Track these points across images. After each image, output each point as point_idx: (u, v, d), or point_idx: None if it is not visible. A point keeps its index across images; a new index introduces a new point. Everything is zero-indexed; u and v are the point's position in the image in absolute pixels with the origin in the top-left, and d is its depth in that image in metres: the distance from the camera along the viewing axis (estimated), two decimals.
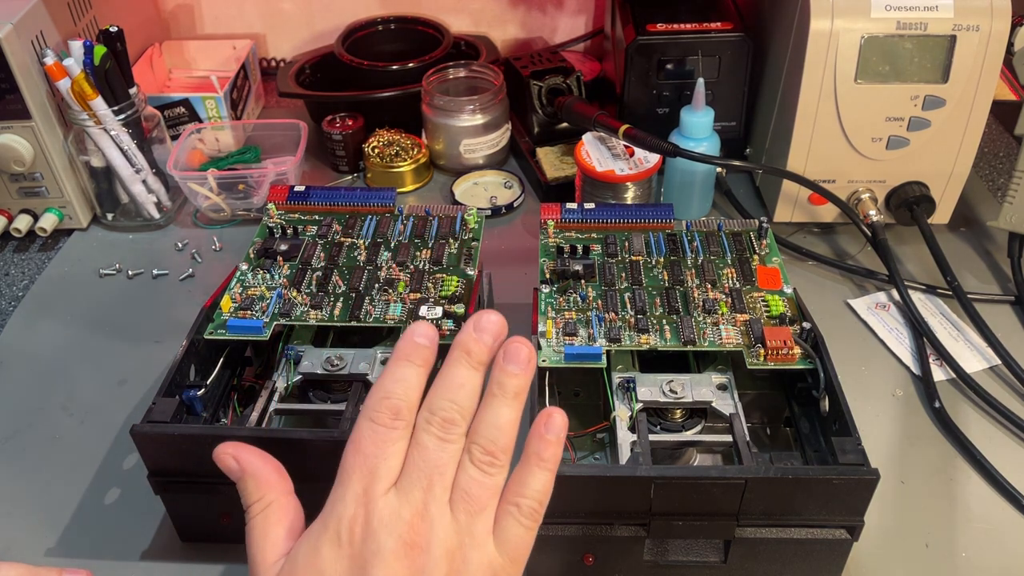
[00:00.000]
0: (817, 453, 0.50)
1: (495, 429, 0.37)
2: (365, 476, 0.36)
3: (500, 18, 1.02)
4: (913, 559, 0.51)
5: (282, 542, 0.38)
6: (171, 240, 0.77)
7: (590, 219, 0.60)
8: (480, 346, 0.38)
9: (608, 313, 0.53)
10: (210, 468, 0.47)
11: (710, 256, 0.58)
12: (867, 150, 0.70)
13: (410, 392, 0.37)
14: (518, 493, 0.37)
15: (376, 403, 0.37)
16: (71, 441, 0.59)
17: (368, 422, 0.37)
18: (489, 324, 0.38)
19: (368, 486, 0.36)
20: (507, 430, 0.37)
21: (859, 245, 0.75)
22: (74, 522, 0.53)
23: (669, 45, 0.76)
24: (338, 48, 0.91)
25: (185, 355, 0.51)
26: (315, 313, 0.54)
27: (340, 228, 0.61)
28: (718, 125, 0.76)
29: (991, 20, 0.65)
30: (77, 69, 0.70)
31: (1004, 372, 0.62)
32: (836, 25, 0.65)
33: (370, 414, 0.37)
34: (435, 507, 0.35)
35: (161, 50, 0.95)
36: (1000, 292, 0.70)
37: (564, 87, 0.83)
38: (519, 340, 0.38)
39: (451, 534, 0.35)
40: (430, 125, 0.84)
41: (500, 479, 0.37)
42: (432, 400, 0.37)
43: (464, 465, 0.36)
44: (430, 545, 0.35)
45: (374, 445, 0.36)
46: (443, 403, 0.37)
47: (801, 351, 0.50)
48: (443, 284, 0.56)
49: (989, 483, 0.55)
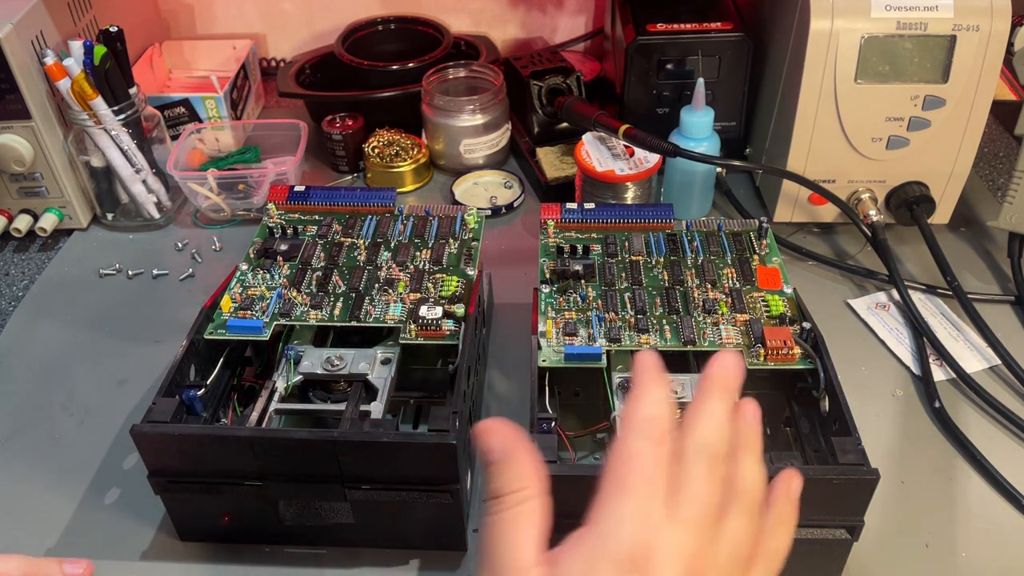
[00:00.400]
0: (817, 453, 0.50)
1: (759, 481, 0.36)
2: (645, 498, 0.34)
3: (500, 18, 1.02)
4: (913, 559, 0.51)
5: (535, 544, 0.35)
6: (171, 240, 0.77)
7: (590, 219, 0.60)
8: (736, 384, 0.37)
9: (608, 313, 0.53)
10: (210, 468, 0.47)
11: (710, 256, 0.58)
12: (867, 150, 0.70)
13: (669, 417, 0.36)
14: (770, 551, 0.37)
15: (656, 423, 0.35)
16: (71, 441, 0.59)
17: (645, 441, 0.35)
18: (738, 366, 0.37)
19: (648, 509, 0.34)
20: (764, 482, 0.37)
21: (859, 245, 0.75)
22: (74, 522, 0.53)
23: (669, 45, 0.76)
24: (338, 48, 0.91)
25: (185, 355, 0.51)
26: (315, 313, 0.54)
27: (340, 228, 0.61)
28: (718, 125, 0.76)
29: (991, 20, 0.65)
30: (77, 69, 0.70)
31: (1004, 372, 0.62)
32: (836, 25, 0.65)
33: (646, 432, 0.35)
34: (710, 547, 0.34)
35: (161, 50, 0.95)
36: (1000, 292, 0.70)
37: (564, 87, 0.83)
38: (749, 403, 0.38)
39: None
40: (430, 125, 0.84)
41: (759, 530, 0.36)
42: (701, 433, 0.36)
43: (734, 511, 0.35)
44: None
45: (654, 467, 0.34)
46: (713, 438, 0.36)
47: (801, 351, 0.50)
48: (443, 284, 0.56)
49: (989, 483, 0.55)
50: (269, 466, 0.47)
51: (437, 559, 0.51)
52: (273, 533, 0.51)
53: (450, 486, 0.47)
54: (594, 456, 0.55)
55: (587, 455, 0.55)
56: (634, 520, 0.34)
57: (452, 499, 0.48)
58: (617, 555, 0.33)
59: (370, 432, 0.46)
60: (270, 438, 0.46)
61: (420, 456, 0.46)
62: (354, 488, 0.47)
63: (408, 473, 0.47)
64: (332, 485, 0.47)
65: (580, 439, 0.55)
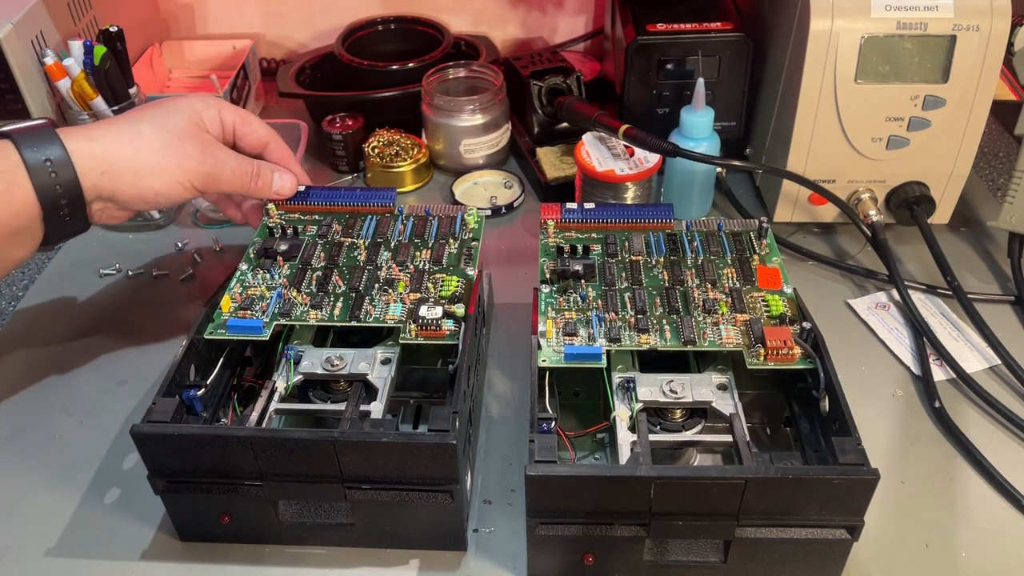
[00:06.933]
0: (817, 453, 0.50)
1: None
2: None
3: (500, 18, 1.02)
4: (913, 559, 0.51)
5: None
6: (171, 240, 0.77)
7: (590, 219, 0.60)
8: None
9: (608, 313, 0.53)
10: (210, 468, 0.47)
11: (710, 256, 0.58)
12: (867, 150, 0.70)
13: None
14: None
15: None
16: (71, 441, 0.59)
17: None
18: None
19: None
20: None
21: (859, 245, 0.75)
22: (74, 522, 0.53)
23: (669, 45, 0.77)
24: (338, 48, 0.91)
25: (185, 355, 0.51)
26: (315, 313, 0.54)
27: (340, 228, 0.61)
28: (718, 125, 0.76)
29: (991, 20, 0.65)
30: (77, 69, 0.70)
31: (1004, 372, 0.62)
32: (836, 25, 0.65)
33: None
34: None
35: (161, 50, 0.95)
36: (1000, 292, 0.70)
37: (564, 87, 0.83)
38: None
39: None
40: (430, 125, 0.84)
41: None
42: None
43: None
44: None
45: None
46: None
47: (801, 351, 0.50)
48: (443, 284, 0.56)
49: (989, 483, 0.55)
50: (269, 466, 0.47)
51: (437, 559, 0.51)
52: (273, 533, 0.51)
53: (450, 486, 0.47)
54: (594, 456, 0.55)
55: (587, 455, 0.55)
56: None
57: (452, 499, 0.48)
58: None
59: (370, 432, 0.46)
60: (270, 438, 0.46)
61: (420, 456, 0.46)
62: (354, 488, 0.47)
63: (408, 473, 0.47)
64: (332, 485, 0.47)
65: (580, 439, 0.55)
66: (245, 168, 0.59)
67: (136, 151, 0.54)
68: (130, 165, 0.54)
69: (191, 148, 0.56)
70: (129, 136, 0.54)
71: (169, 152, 0.55)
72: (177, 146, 0.55)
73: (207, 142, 0.57)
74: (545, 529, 0.46)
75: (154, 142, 0.55)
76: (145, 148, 0.54)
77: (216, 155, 0.57)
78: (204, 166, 0.56)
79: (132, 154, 0.54)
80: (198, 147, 0.56)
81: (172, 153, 0.55)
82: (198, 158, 0.56)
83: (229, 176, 0.58)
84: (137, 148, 0.54)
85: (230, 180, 0.58)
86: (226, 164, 0.58)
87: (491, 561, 0.51)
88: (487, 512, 0.53)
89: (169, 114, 0.56)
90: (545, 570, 0.48)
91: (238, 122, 0.61)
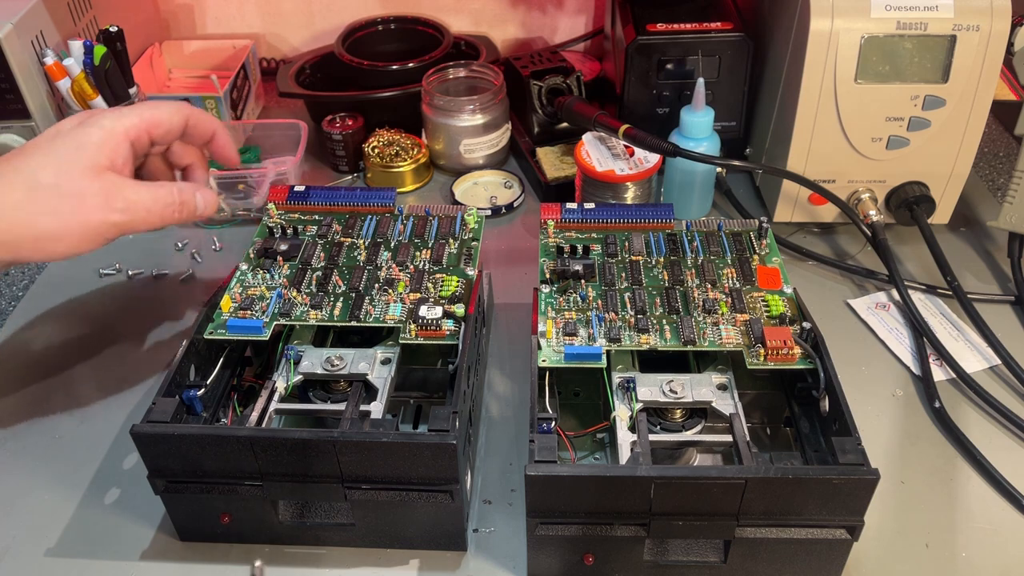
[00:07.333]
0: (817, 453, 0.50)
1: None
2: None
3: (500, 18, 1.02)
4: (913, 559, 0.51)
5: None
6: (171, 240, 0.77)
7: (590, 219, 0.60)
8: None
9: (608, 313, 0.53)
10: (210, 468, 0.47)
11: (710, 256, 0.58)
12: (867, 150, 0.70)
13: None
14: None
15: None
16: (71, 441, 0.59)
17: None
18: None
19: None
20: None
21: (859, 245, 0.75)
22: (74, 522, 0.53)
23: (669, 45, 0.77)
24: (338, 48, 0.91)
25: (185, 355, 0.51)
26: (315, 313, 0.54)
27: (340, 228, 0.61)
28: (718, 125, 0.76)
29: (991, 20, 0.65)
30: (77, 69, 0.70)
31: (1004, 372, 0.62)
32: (836, 25, 0.65)
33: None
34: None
35: (161, 50, 0.95)
36: (1000, 292, 0.70)
37: (564, 87, 0.83)
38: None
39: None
40: (430, 125, 0.84)
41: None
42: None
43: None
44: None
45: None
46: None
47: (801, 351, 0.50)
48: (443, 284, 0.56)
49: (989, 483, 0.55)
50: (269, 466, 0.47)
51: (437, 559, 0.51)
52: (273, 533, 0.51)
53: (450, 486, 0.47)
54: (594, 456, 0.55)
55: (587, 455, 0.55)
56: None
57: (452, 499, 0.48)
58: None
59: (370, 432, 0.46)
60: (270, 438, 0.46)
61: (420, 456, 0.46)
62: (354, 488, 0.47)
63: (408, 473, 0.47)
64: (332, 485, 0.47)
65: (580, 439, 0.55)
66: (165, 201, 0.52)
67: (31, 217, 0.48)
68: (30, 232, 0.48)
69: (93, 200, 0.49)
70: (24, 193, 0.48)
71: (67, 210, 0.48)
72: (76, 201, 0.48)
73: (111, 185, 0.49)
74: (545, 529, 0.46)
75: (51, 199, 0.48)
76: (42, 211, 0.48)
77: (125, 198, 0.50)
78: (112, 216, 0.49)
79: (27, 220, 0.47)
80: (101, 196, 0.49)
81: (70, 210, 0.48)
82: (103, 210, 0.49)
83: (144, 216, 0.51)
84: (31, 213, 0.47)
85: (147, 220, 0.51)
86: (139, 206, 0.50)
87: (491, 561, 0.51)
88: (487, 512, 0.53)
89: (65, 155, 0.49)
90: (545, 570, 0.48)
91: (190, 121, 0.55)
